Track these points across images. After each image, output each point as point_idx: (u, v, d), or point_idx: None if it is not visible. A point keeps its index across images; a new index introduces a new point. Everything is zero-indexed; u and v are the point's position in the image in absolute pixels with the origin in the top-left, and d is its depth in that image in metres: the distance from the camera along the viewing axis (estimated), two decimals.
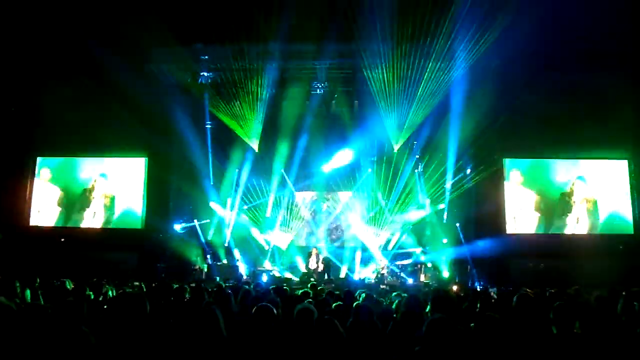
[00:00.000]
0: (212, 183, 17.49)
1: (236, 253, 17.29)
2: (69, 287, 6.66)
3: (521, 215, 16.36)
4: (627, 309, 4.92)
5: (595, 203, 16.18)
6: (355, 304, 5.52)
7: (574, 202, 16.24)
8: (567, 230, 16.16)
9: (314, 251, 16.21)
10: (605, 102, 14.87)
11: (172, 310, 5.34)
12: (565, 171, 16.51)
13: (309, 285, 8.78)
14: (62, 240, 16.15)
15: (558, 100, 15.07)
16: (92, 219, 16.71)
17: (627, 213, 16.06)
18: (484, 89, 14.73)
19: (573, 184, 16.33)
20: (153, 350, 3.66)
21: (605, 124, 15.00)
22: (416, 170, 17.29)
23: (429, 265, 16.44)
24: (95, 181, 16.89)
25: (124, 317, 3.93)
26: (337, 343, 3.73)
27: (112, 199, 16.77)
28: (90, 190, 16.83)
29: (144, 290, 8.49)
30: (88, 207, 16.74)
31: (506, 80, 14.50)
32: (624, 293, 5.15)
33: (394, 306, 5.77)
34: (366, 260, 17.02)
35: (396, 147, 16.71)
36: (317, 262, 15.95)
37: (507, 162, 16.53)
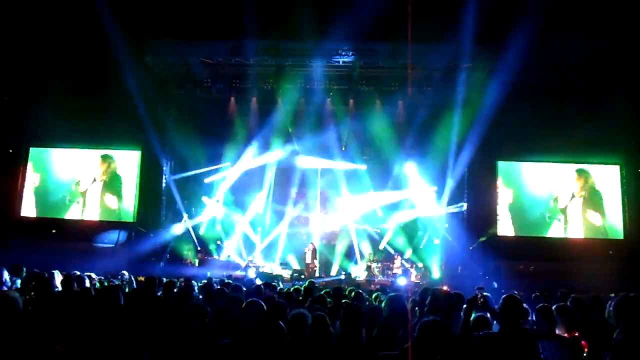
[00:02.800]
0: (205, 178, 17.49)
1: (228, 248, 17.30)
2: (57, 278, 6.63)
3: (512, 216, 16.40)
4: (614, 312, 4.93)
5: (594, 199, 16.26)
6: (344, 302, 5.53)
7: (569, 199, 16.31)
8: (558, 232, 16.20)
9: (311, 247, 16.17)
10: (599, 107, 14.94)
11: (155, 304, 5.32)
12: (558, 175, 16.56)
13: (307, 283, 8.70)
14: (53, 231, 16.06)
15: (552, 105, 15.14)
16: (83, 210, 16.61)
17: (617, 218, 16.14)
18: (479, 92, 14.79)
19: (574, 178, 16.40)
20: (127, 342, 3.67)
21: (598, 129, 15.08)
22: (409, 166, 17.30)
23: (420, 265, 16.50)
24: (87, 173, 16.78)
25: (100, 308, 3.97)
26: (327, 340, 3.74)
27: (104, 191, 16.68)
28: (82, 182, 16.72)
29: (134, 283, 8.49)
30: (80, 199, 16.63)
31: (500, 84, 14.50)
32: (612, 294, 5.16)
33: (383, 305, 5.77)
34: (357, 259, 17.05)
35: (390, 146, 16.71)
36: (312, 259, 15.95)
37: (500, 164, 16.56)
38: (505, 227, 16.23)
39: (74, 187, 16.69)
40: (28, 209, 16.63)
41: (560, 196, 16.35)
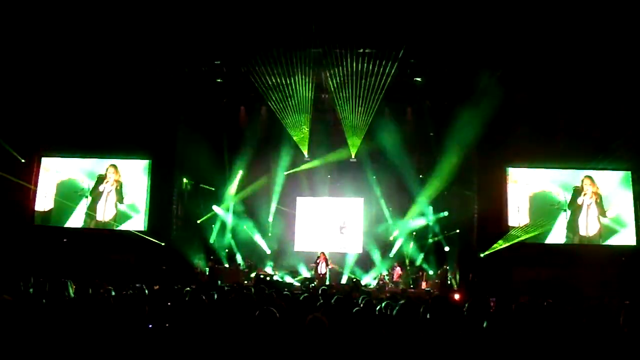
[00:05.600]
0: (215, 188, 17.56)
1: (237, 257, 17.34)
2: (70, 287, 6.66)
3: (522, 223, 16.22)
4: (629, 320, 4.90)
5: (601, 204, 16.07)
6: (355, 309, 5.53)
7: (581, 205, 16.13)
8: (570, 239, 16.01)
9: (322, 256, 16.11)
10: (609, 112, 14.82)
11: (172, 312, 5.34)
12: (569, 181, 16.40)
13: (319, 291, 8.67)
14: (65, 240, 16.14)
15: (561, 110, 15.06)
16: (95, 219, 16.66)
17: (630, 224, 15.94)
18: (487, 98, 14.75)
19: (582, 183, 16.21)
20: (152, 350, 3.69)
21: (608, 134, 14.96)
22: (420, 176, 17.28)
23: (431, 272, 16.44)
24: (100, 182, 16.84)
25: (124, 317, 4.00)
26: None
27: (116, 201, 16.73)
28: (95, 191, 16.79)
29: (146, 292, 8.50)
30: (91, 207, 16.68)
31: (509, 89, 14.47)
32: (627, 302, 5.12)
33: (394, 313, 5.76)
34: (368, 267, 17.03)
35: (399, 153, 16.69)
36: (324, 267, 15.91)
37: (510, 171, 16.43)
38: (515, 234, 16.08)
39: (87, 196, 16.72)
40: (40, 217, 16.69)
41: (572, 202, 16.17)
